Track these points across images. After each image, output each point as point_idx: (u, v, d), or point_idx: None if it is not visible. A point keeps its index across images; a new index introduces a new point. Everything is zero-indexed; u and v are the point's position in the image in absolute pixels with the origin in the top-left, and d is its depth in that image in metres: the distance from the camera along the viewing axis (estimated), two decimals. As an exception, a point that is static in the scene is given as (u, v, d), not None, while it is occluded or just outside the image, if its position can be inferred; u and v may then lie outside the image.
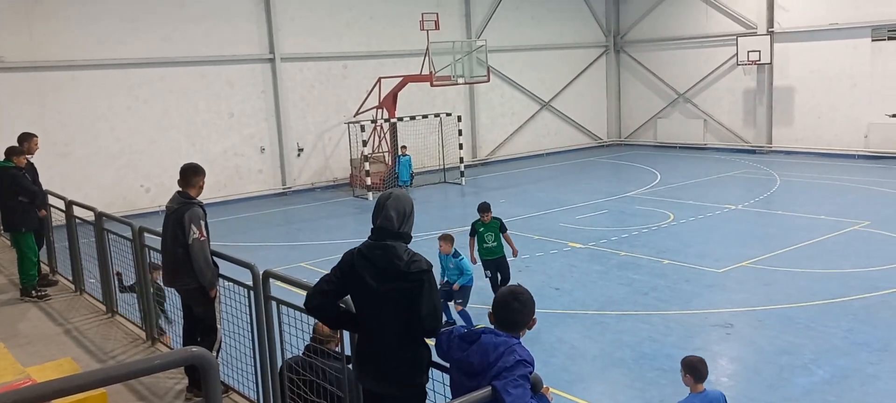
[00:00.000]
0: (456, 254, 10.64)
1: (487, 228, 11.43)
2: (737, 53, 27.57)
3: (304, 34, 24.48)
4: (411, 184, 23.13)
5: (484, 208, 11.58)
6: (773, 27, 27.08)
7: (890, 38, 24.33)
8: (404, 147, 23.91)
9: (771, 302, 11.32)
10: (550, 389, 3.91)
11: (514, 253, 11.67)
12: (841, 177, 21.83)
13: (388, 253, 4.07)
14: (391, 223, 4.12)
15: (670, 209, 18.42)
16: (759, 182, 22.10)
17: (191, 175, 6.74)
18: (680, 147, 30.42)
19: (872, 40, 24.73)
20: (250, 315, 6.10)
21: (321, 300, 4.28)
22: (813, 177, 22.24)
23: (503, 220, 11.60)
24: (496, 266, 11.48)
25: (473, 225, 11.56)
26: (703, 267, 13.40)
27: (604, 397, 8.70)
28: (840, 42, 25.40)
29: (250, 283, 5.96)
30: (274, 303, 5.68)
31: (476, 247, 11.44)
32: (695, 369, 6.01)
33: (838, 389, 8.40)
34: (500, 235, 11.42)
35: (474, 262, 11.24)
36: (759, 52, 26.87)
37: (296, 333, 5.47)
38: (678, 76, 30.51)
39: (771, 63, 27.15)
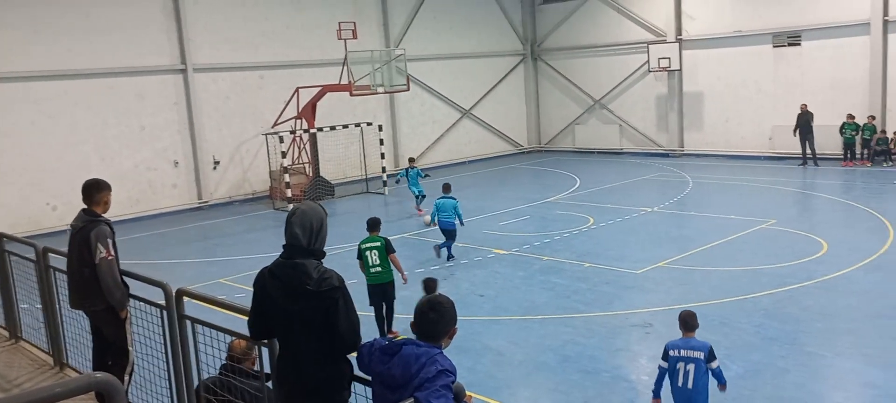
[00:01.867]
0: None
1: (370, 245, 10.58)
2: (648, 60, 28.50)
3: (218, 44, 23.88)
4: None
5: (371, 224, 10.88)
6: (681, 35, 28.11)
7: (790, 45, 25.62)
8: (412, 159, 22.60)
9: (687, 301, 11.65)
10: (474, 396, 3.87)
11: (404, 278, 10.99)
12: (748, 179, 22.79)
13: (298, 272, 3.92)
14: (298, 240, 3.97)
15: (590, 213, 18.80)
16: (673, 185, 22.83)
17: (94, 191, 6.41)
18: (598, 152, 31.16)
19: (773, 47, 25.97)
20: (164, 335, 5.84)
21: (259, 324, 4.16)
22: (723, 179, 23.14)
23: (390, 240, 10.86)
24: (383, 293, 10.62)
25: (359, 245, 10.78)
26: (622, 269, 13.71)
27: (529, 401, 8.75)
28: (744, 49, 26.59)
29: (163, 302, 5.71)
30: (188, 322, 5.45)
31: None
32: (684, 322, 7.10)
33: (752, 383, 8.70)
34: (386, 256, 10.57)
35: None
36: (669, 59, 27.84)
37: (212, 352, 5.27)
38: (594, 83, 31.28)
39: (680, 70, 28.17)
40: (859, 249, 13.98)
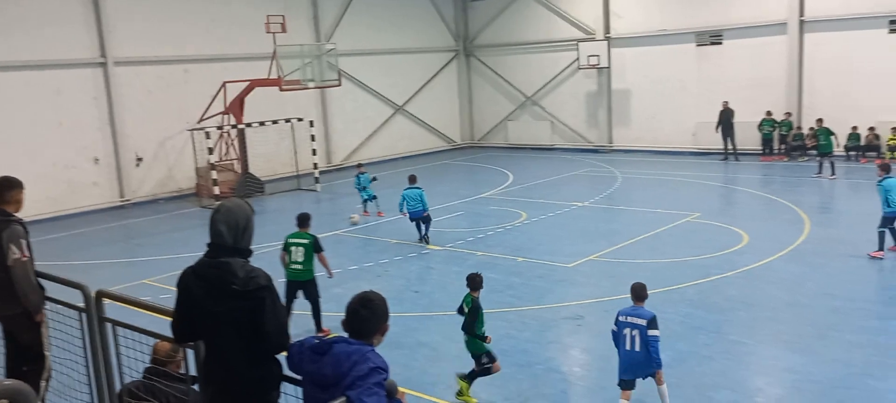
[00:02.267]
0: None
1: (297, 241, 10.48)
2: (578, 58, 28.97)
3: (140, 37, 23.09)
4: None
5: (301, 219, 10.79)
6: (609, 33, 28.68)
7: (712, 44, 26.45)
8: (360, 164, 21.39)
9: (616, 294, 11.87)
10: (408, 393, 3.83)
11: (330, 274, 11.07)
12: (674, 173, 23.43)
13: (223, 271, 3.78)
14: (222, 238, 3.82)
15: (523, 208, 18.98)
16: (603, 179, 23.28)
17: (5, 190, 6.08)
18: (530, 148, 31.52)
19: (697, 45, 26.78)
20: (83, 339, 5.58)
21: (182, 327, 4.01)
22: (650, 174, 23.73)
23: (319, 238, 10.79)
24: (303, 291, 10.53)
25: (286, 238, 10.72)
26: (554, 263, 13.88)
27: (464, 396, 8.74)
28: (669, 47, 27.32)
29: (82, 305, 5.45)
30: (109, 325, 5.22)
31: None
32: (634, 292, 7.82)
33: (679, 371, 8.92)
34: (312, 255, 10.52)
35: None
36: (599, 56, 28.37)
37: (135, 356, 5.06)
38: (525, 80, 31.63)
39: (609, 67, 28.74)
40: (778, 240, 14.54)
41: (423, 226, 15.98)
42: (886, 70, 22.93)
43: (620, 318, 7.73)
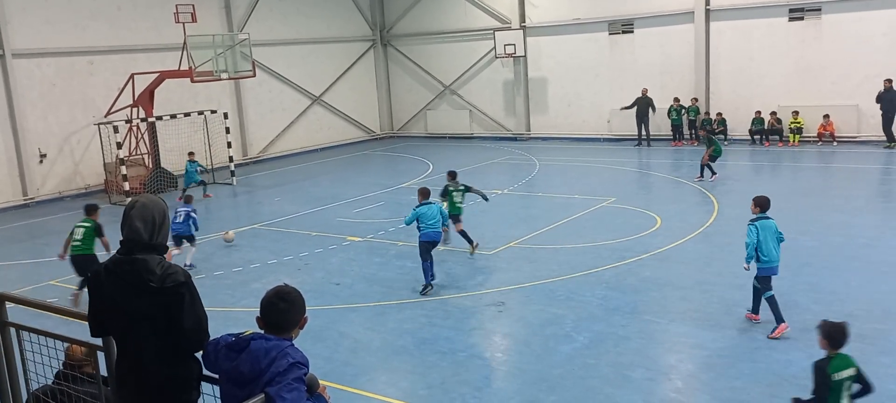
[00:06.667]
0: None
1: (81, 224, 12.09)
2: (495, 47, 29.25)
3: (40, 26, 21.96)
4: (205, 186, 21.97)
5: (87, 209, 12.28)
6: (524, 22, 29.06)
7: (624, 32, 27.17)
8: (191, 153, 22.67)
9: (536, 279, 12.12)
10: (329, 386, 3.80)
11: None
12: (590, 159, 24.01)
13: (138, 268, 3.66)
14: (138, 234, 3.71)
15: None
16: (522, 167, 23.64)
17: None
18: (449, 137, 31.68)
19: (609, 34, 27.46)
20: (-16, 345, 5.28)
21: (97, 325, 3.86)
22: (567, 161, 24.24)
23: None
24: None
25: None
26: (475, 251, 14.01)
27: (388, 386, 8.76)
28: (583, 35, 27.92)
29: (-19, 309, 5.16)
30: (12, 330, 4.96)
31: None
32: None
33: (596, 352, 9.19)
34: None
35: None
36: (515, 45, 28.73)
37: (43, 360, 4.82)
38: (443, 69, 31.72)
39: (525, 56, 29.15)
40: (689, 222, 15.12)
41: (431, 267, 12.17)
42: (787, 56, 24.15)
43: None
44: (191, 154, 22.44)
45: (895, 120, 22.38)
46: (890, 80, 22.06)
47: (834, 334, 5.97)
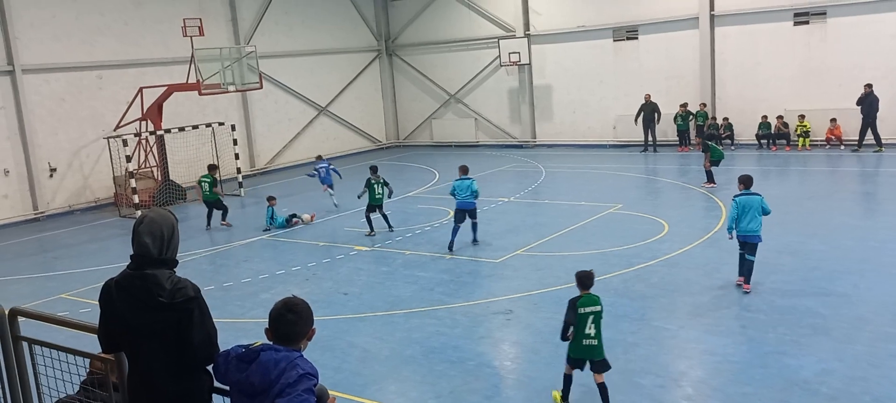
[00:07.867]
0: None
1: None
2: (499, 55, 29.32)
3: (49, 42, 22.15)
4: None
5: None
6: (529, 30, 29.13)
7: (628, 38, 27.20)
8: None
9: (544, 286, 12.12)
10: (339, 396, 3.82)
11: None
12: (596, 166, 24.00)
13: (148, 283, 3.69)
14: (147, 249, 3.73)
15: (450, 206, 18.97)
16: (528, 174, 23.65)
17: None
18: (455, 145, 31.72)
19: (614, 40, 27.49)
20: (-4, 360, 5.34)
21: (108, 339, 3.90)
22: (573, 167, 24.24)
23: None
24: None
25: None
26: (482, 259, 14.04)
27: (397, 396, 8.77)
28: (587, 42, 27.96)
29: (-6, 324, 5.21)
30: (25, 344, 5.00)
31: None
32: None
33: (606, 359, 9.17)
34: None
35: None
36: (519, 53, 28.79)
37: (56, 375, 4.86)
38: (448, 78, 31.80)
39: (530, 63, 29.20)
40: (696, 228, 15.10)
41: (472, 231, 15.28)
42: (792, 60, 24.12)
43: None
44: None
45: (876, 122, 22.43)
46: (870, 85, 22.15)
47: (583, 279, 7.91)
